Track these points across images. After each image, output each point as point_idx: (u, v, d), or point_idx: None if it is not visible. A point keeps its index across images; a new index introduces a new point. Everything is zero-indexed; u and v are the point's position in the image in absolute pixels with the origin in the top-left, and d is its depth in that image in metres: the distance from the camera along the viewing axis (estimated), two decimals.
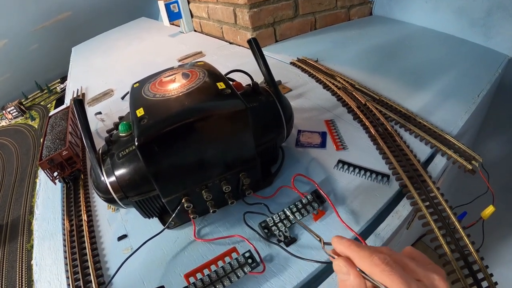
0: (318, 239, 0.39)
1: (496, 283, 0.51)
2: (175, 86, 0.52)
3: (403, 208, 0.58)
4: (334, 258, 0.33)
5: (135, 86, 0.57)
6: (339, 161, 0.67)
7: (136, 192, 0.52)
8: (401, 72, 1.02)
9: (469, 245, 0.53)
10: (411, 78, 0.98)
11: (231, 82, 0.54)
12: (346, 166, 0.66)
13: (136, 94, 0.53)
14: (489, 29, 1.11)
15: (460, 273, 0.51)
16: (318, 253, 0.51)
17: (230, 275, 0.47)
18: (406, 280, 0.27)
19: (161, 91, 0.51)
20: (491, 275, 0.51)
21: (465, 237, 0.54)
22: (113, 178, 0.50)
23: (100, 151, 0.54)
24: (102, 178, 0.51)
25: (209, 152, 0.49)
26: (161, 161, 0.47)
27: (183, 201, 0.51)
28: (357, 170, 0.65)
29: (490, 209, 0.58)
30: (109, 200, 0.53)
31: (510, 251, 1.20)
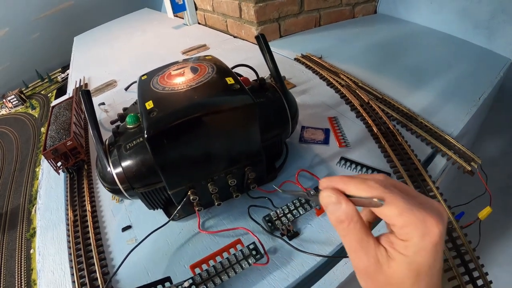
0: (306, 192, 0.35)
1: (491, 282, 0.52)
2: (184, 80, 0.52)
3: None
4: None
5: (143, 78, 0.57)
6: (342, 158, 0.68)
7: (142, 183, 0.52)
8: (404, 71, 1.03)
9: (466, 244, 0.54)
10: (413, 77, 0.99)
11: (238, 77, 0.55)
12: (348, 163, 0.67)
13: (145, 87, 0.54)
14: (492, 32, 1.11)
15: (456, 270, 0.52)
16: (321, 247, 0.53)
17: (234, 266, 0.48)
18: (408, 202, 0.25)
19: (170, 84, 0.52)
20: (486, 273, 0.52)
21: (462, 236, 0.55)
22: (119, 169, 0.51)
23: (107, 142, 0.54)
24: (109, 169, 0.51)
25: (216, 146, 0.50)
26: (169, 153, 0.47)
27: (189, 193, 0.52)
28: (359, 168, 0.66)
29: (487, 210, 0.59)
30: (115, 191, 0.53)
31: (505, 252, 1.22)
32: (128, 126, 0.54)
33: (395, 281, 0.26)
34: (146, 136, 0.44)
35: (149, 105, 0.48)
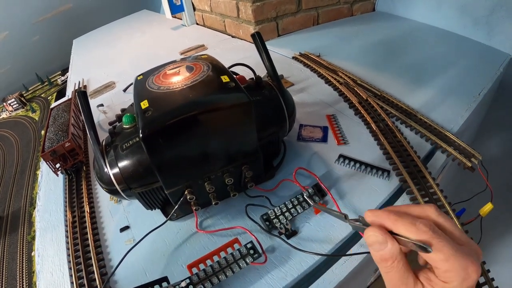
0: (343, 215, 0.35)
1: (492, 279, 0.51)
2: (179, 79, 0.52)
3: (403, 204, 0.59)
4: (364, 228, 0.31)
5: (139, 78, 0.57)
6: (340, 156, 0.68)
7: (139, 183, 0.52)
8: (403, 69, 1.02)
9: None
10: (412, 74, 0.99)
11: (234, 76, 0.54)
12: (347, 161, 0.67)
13: (140, 87, 0.53)
14: (492, 27, 1.11)
15: None
16: (320, 246, 0.52)
17: (232, 265, 0.48)
18: (454, 248, 0.27)
19: (165, 83, 0.52)
20: (488, 271, 0.52)
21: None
22: (116, 170, 0.51)
23: (103, 143, 0.54)
24: (106, 170, 0.51)
25: (212, 144, 0.50)
26: (165, 153, 0.47)
27: (186, 193, 0.52)
28: (358, 165, 0.65)
29: (488, 207, 0.59)
30: (112, 191, 0.53)
31: (507, 249, 1.21)
32: (124, 126, 0.54)
33: None
34: (141, 135, 0.44)
35: (144, 104, 0.47)
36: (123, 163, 0.51)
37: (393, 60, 1.09)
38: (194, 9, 1.79)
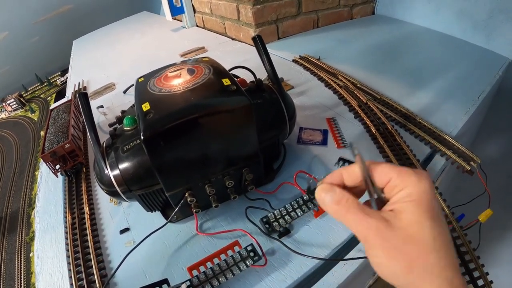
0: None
1: (491, 282, 0.52)
2: (181, 82, 0.52)
3: None
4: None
5: (140, 80, 0.57)
6: (340, 159, 0.68)
7: (140, 185, 0.52)
8: (402, 72, 1.03)
9: (466, 244, 0.54)
10: (412, 78, 0.99)
11: (235, 79, 0.55)
12: (346, 164, 0.67)
13: (142, 89, 0.53)
14: (490, 31, 1.11)
15: None
16: (319, 249, 0.52)
17: (232, 268, 0.48)
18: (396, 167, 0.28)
19: (166, 86, 0.52)
20: (487, 273, 0.52)
21: (462, 236, 0.55)
22: (117, 172, 0.51)
23: (104, 145, 0.54)
24: (106, 172, 0.51)
25: (213, 147, 0.50)
26: (166, 155, 0.47)
27: (186, 195, 0.52)
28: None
29: (487, 213, 0.59)
30: (113, 193, 0.53)
31: (505, 252, 1.22)
32: (125, 128, 0.54)
33: (413, 229, 0.25)
34: (142, 137, 0.44)
35: (146, 107, 0.48)
36: (123, 165, 0.51)
37: (392, 63, 1.10)
38: (195, 11, 1.80)
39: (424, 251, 0.25)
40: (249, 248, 0.49)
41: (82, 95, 0.52)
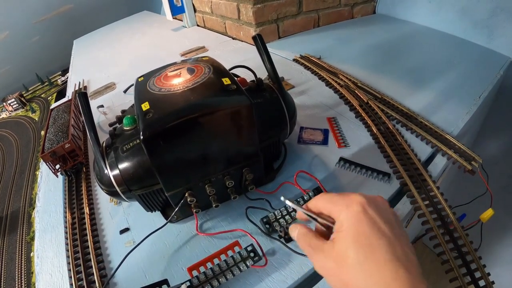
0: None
1: (493, 282, 0.51)
2: (180, 81, 0.52)
3: (403, 207, 0.59)
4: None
5: (140, 80, 0.57)
6: (341, 159, 0.68)
7: (140, 185, 0.52)
8: (403, 71, 1.02)
9: (467, 244, 0.54)
10: (413, 77, 0.99)
11: (235, 78, 0.54)
12: (347, 164, 0.66)
13: (141, 88, 0.53)
14: (492, 30, 1.11)
15: (457, 271, 0.51)
16: None
17: (232, 268, 0.47)
18: (327, 200, 0.34)
19: (166, 85, 0.52)
20: (489, 274, 0.52)
21: (463, 236, 0.54)
22: (116, 172, 0.51)
23: (103, 145, 0.54)
24: (106, 171, 0.51)
25: (213, 147, 0.50)
26: (166, 155, 0.47)
27: (186, 195, 0.52)
28: (358, 168, 0.65)
29: (489, 213, 0.59)
30: (112, 193, 0.53)
31: (507, 252, 1.21)
32: (125, 128, 0.54)
33: (341, 258, 0.29)
34: (142, 137, 0.44)
35: (145, 106, 0.47)
36: (123, 165, 0.51)
37: (393, 62, 1.09)
38: (195, 10, 1.79)
39: (353, 275, 0.28)
40: (249, 249, 0.49)
41: (82, 95, 0.52)
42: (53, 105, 1.06)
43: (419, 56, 1.13)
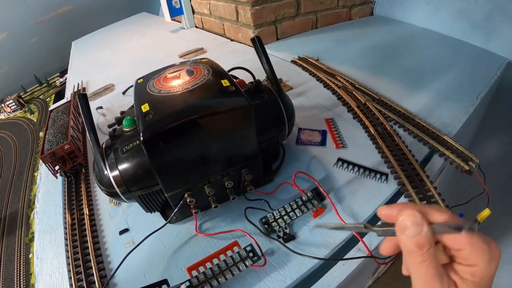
0: (362, 225, 0.32)
1: None
2: (180, 83, 0.52)
3: None
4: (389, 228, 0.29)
5: (139, 81, 0.57)
6: (339, 159, 0.68)
7: (139, 186, 0.52)
8: (401, 73, 1.03)
9: None
10: (410, 78, 0.99)
11: (234, 80, 0.55)
12: (345, 165, 0.67)
13: (141, 90, 0.54)
14: (489, 32, 1.12)
15: None
16: (317, 249, 0.53)
17: (232, 268, 0.48)
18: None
19: (166, 87, 0.52)
20: None
21: None
22: (116, 173, 0.51)
23: (103, 146, 0.54)
24: (106, 172, 0.51)
25: (212, 148, 0.50)
26: (165, 156, 0.47)
27: (185, 196, 0.52)
28: (356, 169, 0.66)
29: (486, 212, 0.59)
30: (112, 194, 0.53)
31: (504, 252, 1.22)
32: (124, 129, 0.54)
33: None
34: (142, 138, 0.44)
35: (145, 108, 0.48)
36: (123, 166, 0.51)
37: (391, 64, 1.10)
38: (193, 12, 1.80)
39: None
40: (248, 249, 0.50)
41: (82, 96, 0.52)
42: (52, 106, 1.06)
43: (417, 57, 1.13)
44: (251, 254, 0.49)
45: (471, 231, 0.25)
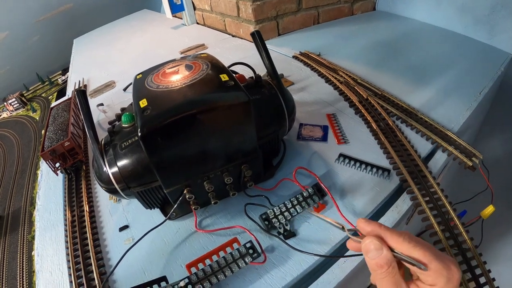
0: (340, 226, 0.40)
1: (493, 279, 0.51)
2: (178, 78, 0.52)
3: (403, 203, 0.59)
4: (358, 239, 0.35)
5: (138, 77, 0.57)
6: (341, 155, 0.68)
7: (138, 182, 0.52)
8: (403, 68, 1.02)
9: (468, 240, 0.54)
10: (413, 74, 0.98)
11: (234, 75, 0.54)
12: (347, 160, 0.66)
13: (139, 85, 0.53)
14: (492, 26, 1.10)
15: None
16: (318, 246, 0.52)
17: (231, 265, 0.47)
18: (435, 253, 0.30)
19: (164, 82, 0.51)
20: (489, 271, 0.52)
21: (464, 233, 0.54)
22: (115, 169, 0.51)
23: (102, 142, 0.54)
24: (105, 169, 0.51)
25: (211, 143, 0.49)
26: (164, 152, 0.47)
27: (185, 192, 0.52)
28: (358, 164, 0.65)
29: (490, 209, 0.58)
30: (111, 190, 0.53)
31: (508, 249, 1.21)
32: (123, 125, 0.53)
33: None
34: (140, 134, 0.44)
35: (143, 103, 0.47)
36: (122, 162, 0.50)
37: (393, 59, 1.09)
38: (195, 8, 1.79)
39: None
40: (248, 245, 0.49)
41: (80, 93, 0.52)
42: (53, 103, 1.06)
43: (419, 52, 1.12)
44: (251, 251, 0.48)
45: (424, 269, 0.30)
